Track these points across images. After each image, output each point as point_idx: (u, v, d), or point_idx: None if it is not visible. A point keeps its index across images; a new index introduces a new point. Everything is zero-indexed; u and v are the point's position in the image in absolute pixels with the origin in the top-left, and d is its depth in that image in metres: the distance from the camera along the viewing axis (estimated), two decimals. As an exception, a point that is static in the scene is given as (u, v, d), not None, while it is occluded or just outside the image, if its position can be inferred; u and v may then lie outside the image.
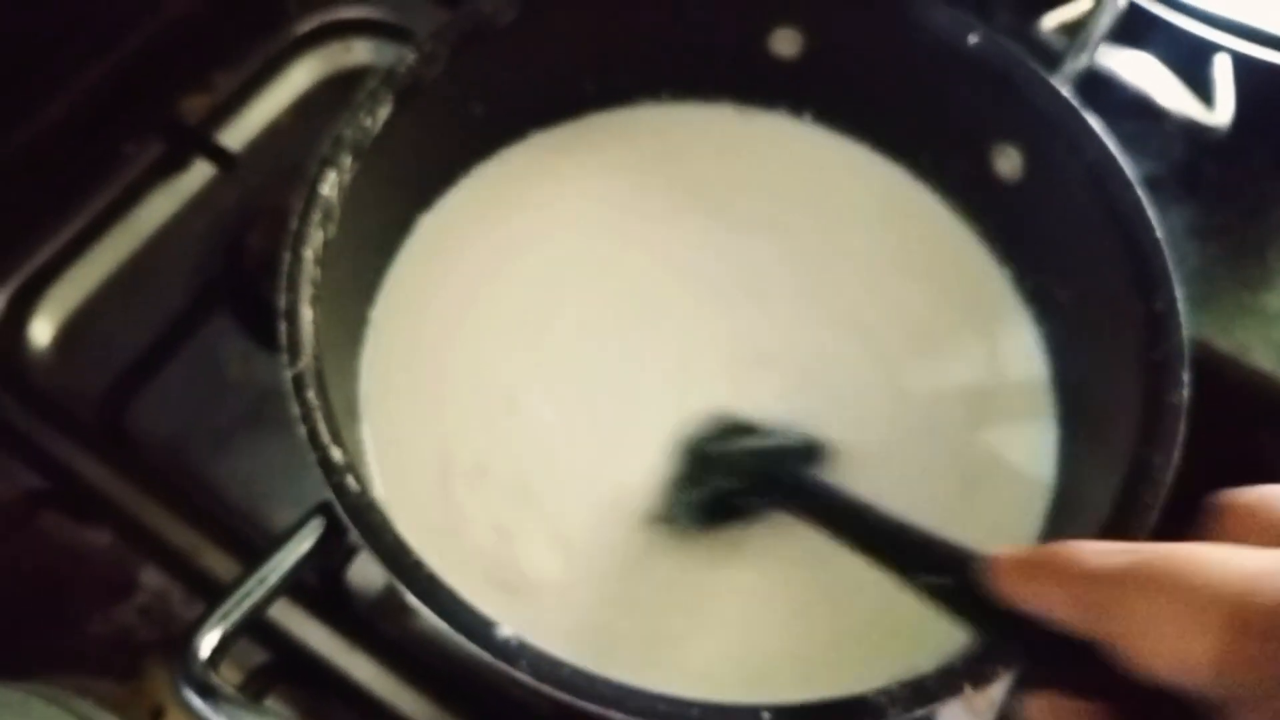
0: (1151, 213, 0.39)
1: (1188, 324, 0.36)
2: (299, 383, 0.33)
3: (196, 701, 0.27)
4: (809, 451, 0.41)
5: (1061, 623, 0.23)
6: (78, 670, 0.42)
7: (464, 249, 0.45)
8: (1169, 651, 0.20)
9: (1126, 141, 0.54)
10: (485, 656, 0.29)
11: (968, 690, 0.29)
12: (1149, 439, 0.35)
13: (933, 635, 0.31)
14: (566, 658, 0.29)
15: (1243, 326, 0.55)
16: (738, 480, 0.40)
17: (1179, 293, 0.37)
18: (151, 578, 0.47)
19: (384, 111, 0.38)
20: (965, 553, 0.27)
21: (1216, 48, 0.52)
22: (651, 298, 0.45)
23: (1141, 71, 0.50)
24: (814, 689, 0.31)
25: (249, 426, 0.50)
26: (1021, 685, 0.25)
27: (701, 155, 0.48)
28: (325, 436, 0.32)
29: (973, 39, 0.41)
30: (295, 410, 0.32)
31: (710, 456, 0.41)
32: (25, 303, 0.52)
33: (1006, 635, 0.25)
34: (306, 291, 0.34)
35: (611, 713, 0.28)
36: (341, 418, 0.35)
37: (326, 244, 0.36)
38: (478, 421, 0.42)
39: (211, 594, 0.33)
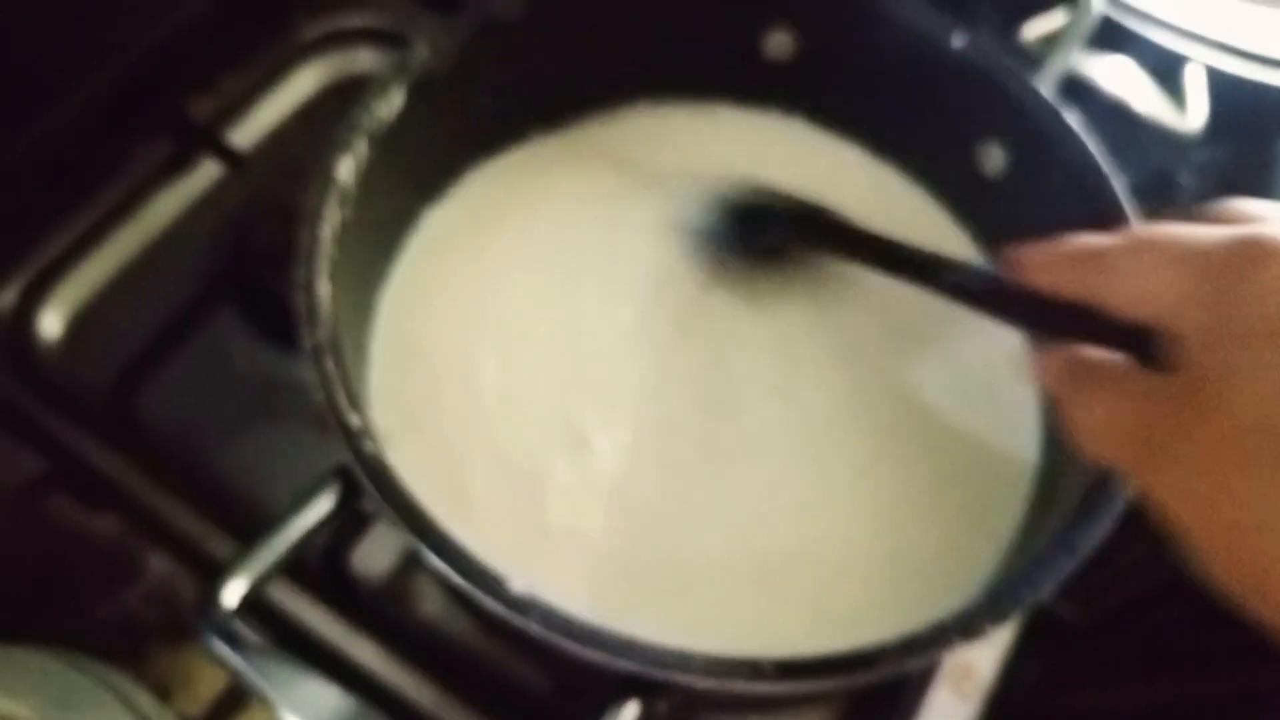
0: (1128, 205, 0.40)
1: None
2: (317, 352, 0.33)
3: (223, 649, 0.28)
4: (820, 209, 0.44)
5: (1067, 292, 0.29)
6: (84, 653, 0.42)
7: (468, 242, 0.46)
8: (1145, 294, 0.27)
9: (1105, 148, 0.55)
10: (499, 609, 0.30)
11: (958, 643, 0.31)
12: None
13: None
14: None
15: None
16: (779, 225, 0.44)
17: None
18: (157, 563, 0.47)
19: (397, 101, 0.39)
20: (972, 263, 0.35)
21: (1187, 59, 0.54)
22: (639, 291, 0.46)
23: (1119, 77, 0.52)
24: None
25: (254, 417, 0.50)
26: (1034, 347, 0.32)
27: (696, 153, 0.49)
28: (343, 403, 0.33)
29: (956, 41, 0.43)
30: (314, 377, 0.33)
31: (749, 205, 0.45)
32: (36, 295, 0.52)
33: (1012, 311, 0.32)
34: (324, 267, 0.35)
35: (619, 661, 0.29)
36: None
37: (343, 225, 0.36)
38: (480, 403, 0.43)
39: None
